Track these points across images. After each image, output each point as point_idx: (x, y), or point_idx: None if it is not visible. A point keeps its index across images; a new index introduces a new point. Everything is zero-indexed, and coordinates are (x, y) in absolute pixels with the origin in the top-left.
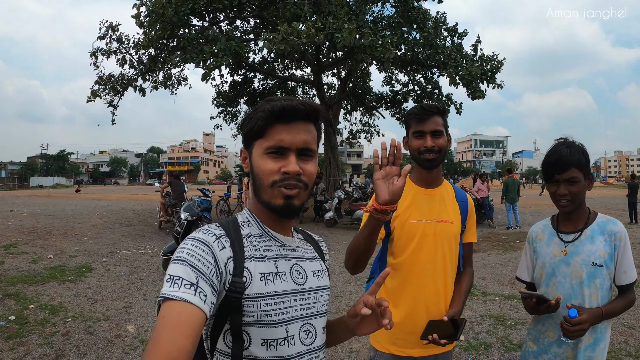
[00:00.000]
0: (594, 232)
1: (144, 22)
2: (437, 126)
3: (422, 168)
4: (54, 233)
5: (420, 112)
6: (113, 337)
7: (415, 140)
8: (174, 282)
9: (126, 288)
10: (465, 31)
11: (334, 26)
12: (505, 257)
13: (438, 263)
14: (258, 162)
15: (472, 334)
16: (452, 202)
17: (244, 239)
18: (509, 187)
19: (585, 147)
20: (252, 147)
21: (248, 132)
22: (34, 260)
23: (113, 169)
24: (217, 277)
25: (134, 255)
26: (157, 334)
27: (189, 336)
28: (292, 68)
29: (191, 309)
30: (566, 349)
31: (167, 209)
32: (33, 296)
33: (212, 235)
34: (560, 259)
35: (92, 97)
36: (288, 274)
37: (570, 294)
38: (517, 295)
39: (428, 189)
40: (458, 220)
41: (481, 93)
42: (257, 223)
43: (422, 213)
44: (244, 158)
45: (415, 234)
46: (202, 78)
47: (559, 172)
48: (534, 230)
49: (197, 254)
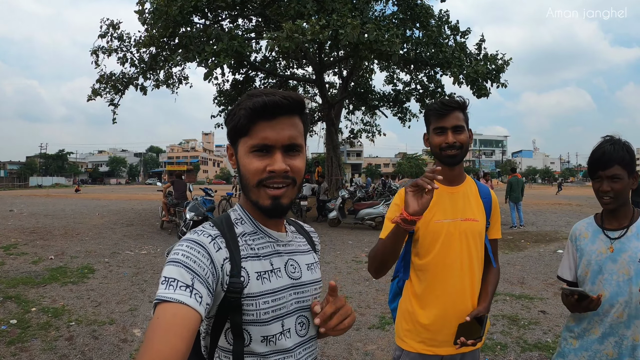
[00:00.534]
0: (639, 229)
1: (147, 18)
2: (459, 121)
3: (444, 165)
4: (54, 233)
5: (441, 107)
6: (119, 342)
7: (436, 136)
8: (169, 284)
9: (130, 290)
10: (468, 29)
11: (338, 23)
12: (512, 257)
13: (465, 262)
14: (244, 161)
15: (487, 335)
16: (476, 199)
17: (238, 237)
18: (512, 186)
19: (631, 145)
20: (238, 144)
21: (232, 129)
22: (34, 262)
23: (112, 169)
24: (214, 278)
25: (136, 256)
26: (150, 335)
27: (183, 337)
28: (293, 67)
29: (186, 310)
30: (608, 346)
31: (169, 208)
32: (35, 299)
33: (208, 236)
34: (607, 256)
35: (92, 96)
36: (283, 269)
37: (617, 292)
38: (528, 294)
39: (451, 186)
40: (483, 217)
41: (486, 91)
42: (250, 220)
43: (446, 212)
44: (231, 155)
45: (440, 234)
46: (204, 78)
47: (602, 169)
48: (577, 228)
49: (192, 256)
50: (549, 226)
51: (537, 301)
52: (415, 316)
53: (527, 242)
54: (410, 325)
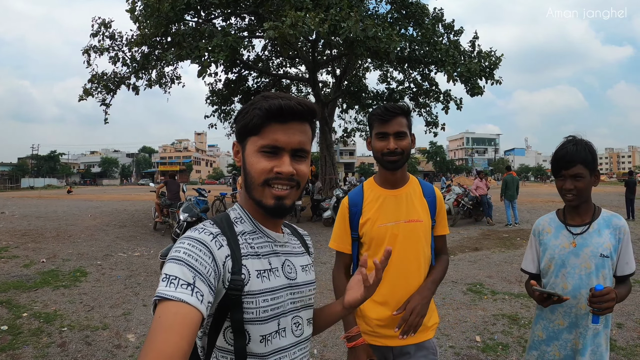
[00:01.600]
0: (601, 226)
1: (138, 16)
2: (401, 127)
3: (386, 170)
4: (46, 235)
5: (384, 112)
6: (113, 348)
7: (378, 142)
8: (170, 282)
9: (124, 293)
10: (461, 28)
11: (337, 17)
12: (509, 255)
13: (411, 263)
14: (251, 159)
15: (488, 335)
16: (419, 200)
17: (238, 236)
18: (508, 184)
19: (592, 145)
20: (246, 142)
21: (242, 127)
22: (26, 265)
23: (104, 169)
24: (215, 276)
25: (129, 258)
26: (152, 334)
27: (185, 336)
28: (286, 66)
29: (188, 309)
30: (576, 335)
31: (162, 209)
32: (26, 303)
33: (209, 234)
34: (570, 250)
35: (84, 96)
36: (280, 269)
37: (580, 284)
38: (526, 293)
39: (394, 189)
40: (427, 216)
41: (480, 89)
42: (250, 219)
43: (390, 215)
44: (237, 152)
45: (384, 237)
46: (198, 74)
47: (565, 168)
48: (540, 224)
49: (194, 254)
50: None
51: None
52: (363, 311)
53: (523, 240)
54: (360, 320)
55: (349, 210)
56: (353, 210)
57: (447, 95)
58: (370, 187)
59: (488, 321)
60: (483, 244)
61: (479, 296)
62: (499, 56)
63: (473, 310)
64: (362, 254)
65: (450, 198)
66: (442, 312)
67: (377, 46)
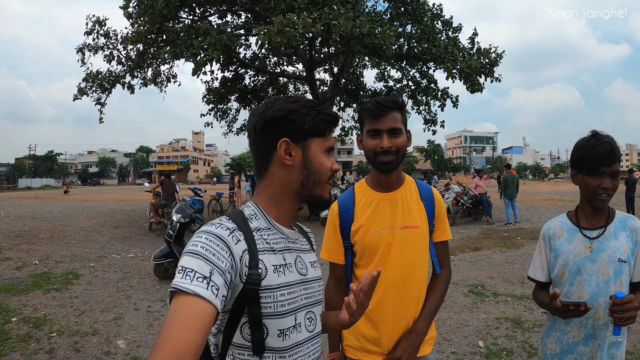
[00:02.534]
0: (617, 228)
1: (132, 13)
2: (395, 123)
3: (380, 172)
4: (41, 237)
5: (376, 107)
6: (102, 355)
7: (370, 139)
8: (187, 274)
9: (115, 297)
10: (460, 25)
11: (330, 16)
12: (510, 255)
13: (407, 273)
14: (320, 158)
15: (491, 339)
16: (416, 203)
17: (253, 232)
18: (507, 183)
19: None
20: (309, 142)
21: (308, 128)
22: (18, 267)
23: (102, 169)
24: (232, 271)
25: (123, 260)
26: (167, 326)
27: (200, 330)
28: (283, 64)
29: (202, 303)
30: (593, 348)
31: (157, 209)
32: (16, 307)
33: (226, 229)
34: (586, 256)
35: (78, 95)
36: (293, 265)
37: (597, 292)
38: (529, 295)
39: (388, 192)
40: (424, 222)
41: (480, 86)
42: (264, 216)
43: (384, 222)
44: (286, 149)
45: (377, 246)
46: (192, 72)
47: (607, 165)
48: (551, 227)
49: (211, 248)
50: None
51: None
52: (357, 327)
53: (524, 239)
54: (351, 336)
55: (339, 216)
56: (344, 217)
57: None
58: (361, 190)
59: (491, 325)
60: (483, 244)
61: (481, 298)
62: (499, 53)
63: (475, 314)
64: (355, 265)
65: (449, 197)
66: (444, 315)
67: (373, 43)
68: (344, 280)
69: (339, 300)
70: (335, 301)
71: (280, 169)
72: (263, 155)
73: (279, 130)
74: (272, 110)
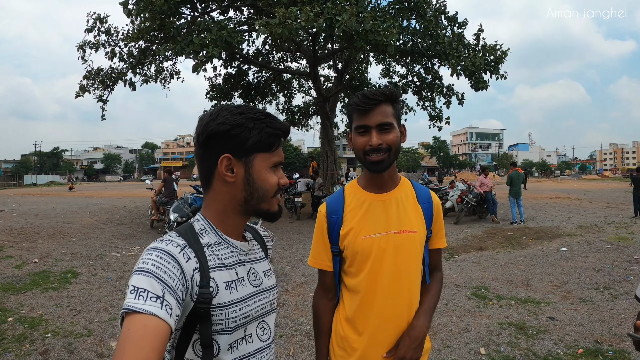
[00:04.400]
0: None
1: (132, 10)
2: (385, 118)
3: (371, 172)
4: (42, 234)
5: (362, 101)
6: (95, 357)
7: (359, 137)
8: (139, 295)
9: (112, 296)
10: (465, 20)
11: (333, 11)
12: (515, 255)
13: (402, 281)
14: (264, 175)
15: (493, 347)
16: (413, 206)
17: (204, 248)
18: (513, 180)
19: None
20: (253, 158)
21: (253, 143)
22: (17, 266)
23: (107, 166)
24: (183, 289)
25: (123, 258)
26: (122, 347)
27: (155, 349)
28: (287, 60)
29: (157, 322)
30: None
31: (158, 207)
32: (13, 307)
33: (177, 246)
34: None
35: (80, 93)
36: (246, 278)
37: None
38: (534, 298)
39: (382, 193)
40: (422, 226)
41: (484, 84)
42: (214, 231)
43: (377, 225)
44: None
45: (369, 251)
46: (193, 70)
47: None
48: None
49: (162, 266)
50: (550, 222)
51: (544, 306)
52: (348, 341)
53: (529, 239)
54: (342, 352)
55: (327, 219)
56: (332, 220)
57: (449, 89)
58: (352, 191)
59: (493, 330)
60: (488, 243)
61: (484, 301)
62: (504, 50)
63: (477, 318)
64: (345, 272)
65: (453, 195)
66: (445, 319)
67: (376, 39)
68: (332, 289)
69: (327, 310)
70: (322, 311)
71: (223, 185)
72: (206, 170)
73: (222, 145)
74: (215, 123)
